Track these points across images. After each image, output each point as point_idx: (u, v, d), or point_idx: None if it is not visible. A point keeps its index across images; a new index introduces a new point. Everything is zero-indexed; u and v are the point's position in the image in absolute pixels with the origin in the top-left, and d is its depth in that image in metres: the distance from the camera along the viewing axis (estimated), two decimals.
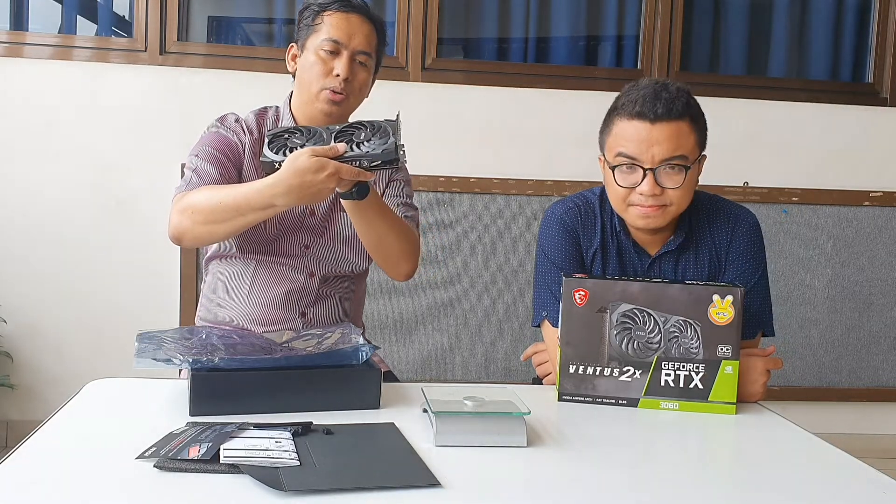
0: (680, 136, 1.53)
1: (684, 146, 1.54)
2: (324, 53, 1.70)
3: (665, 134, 1.52)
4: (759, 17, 3.54)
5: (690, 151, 1.55)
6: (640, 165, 1.54)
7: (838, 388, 3.39)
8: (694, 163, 1.56)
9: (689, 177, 1.55)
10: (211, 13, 3.44)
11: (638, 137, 1.53)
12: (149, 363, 1.35)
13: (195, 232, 1.59)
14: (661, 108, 1.52)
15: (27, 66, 3.09)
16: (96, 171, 3.10)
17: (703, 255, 1.67)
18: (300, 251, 1.77)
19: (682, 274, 1.67)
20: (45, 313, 3.11)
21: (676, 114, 1.53)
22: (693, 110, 1.57)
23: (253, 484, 1.04)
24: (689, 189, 1.58)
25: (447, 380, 3.18)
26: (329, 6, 1.71)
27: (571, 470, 1.18)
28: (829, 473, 1.24)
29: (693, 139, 1.56)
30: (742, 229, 1.67)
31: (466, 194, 3.16)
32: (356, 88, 1.73)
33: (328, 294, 1.81)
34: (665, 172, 1.54)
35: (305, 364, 1.39)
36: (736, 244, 1.66)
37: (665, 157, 1.53)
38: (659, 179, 1.54)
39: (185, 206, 1.60)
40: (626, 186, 1.56)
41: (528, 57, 3.47)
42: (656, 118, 1.52)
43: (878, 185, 3.36)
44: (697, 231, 1.67)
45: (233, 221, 1.56)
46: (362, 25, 1.72)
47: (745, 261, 1.66)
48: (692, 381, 1.47)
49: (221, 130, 1.75)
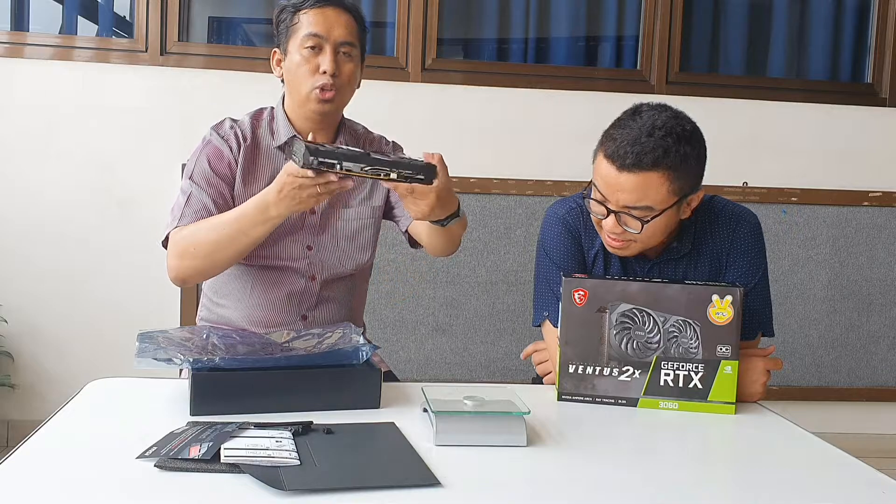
0: (648, 188, 1.49)
1: (651, 197, 1.50)
2: (307, 52, 1.68)
3: (631, 184, 1.49)
4: (759, 17, 3.54)
5: (659, 202, 1.51)
6: (605, 205, 1.54)
7: (838, 387, 3.40)
8: (664, 210, 1.53)
9: (652, 225, 1.53)
10: (211, 14, 3.44)
11: (606, 180, 1.53)
12: (149, 363, 1.35)
13: (199, 269, 1.63)
14: (630, 159, 1.48)
15: (28, 66, 3.10)
16: (97, 172, 3.10)
17: (704, 259, 1.67)
18: (303, 252, 1.77)
19: (682, 277, 1.67)
20: (45, 313, 3.12)
21: (646, 165, 1.48)
22: (671, 160, 1.49)
23: (253, 483, 1.04)
24: (659, 230, 1.56)
25: (447, 380, 3.18)
26: (303, 4, 1.70)
27: (571, 469, 1.19)
28: (829, 473, 1.24)
29: (665, 189, 1.50)
30: (743, 230, 1.66)
31: (466, 194, 3.16)
32: (345, 81, 1.71)
33: (329, 297, 1.81)
34: (627, 217, 1.52)
35: (306, 364, 1.39)
36: (737, 245, 1.66)
37: (627, 205, 1.51)
38: (621, 221, 1.53)
39: (182, 248, 1.62)
40: (595, 214, 1.58)
41: (528, 57, 3.48)
42: (623, 167, 1.49)
43: (878, 185, 3.36)
44: (699, 236, 1.67)
45: (236, 244, 1.58)
46: (340, 16, 1.70)
47: (746, 261, 1.66)
48: (691, 380, 1.47)
49: (215, 141, 1.74)
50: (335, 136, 1.79)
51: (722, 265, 1.67)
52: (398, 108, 1.87)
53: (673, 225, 1.60)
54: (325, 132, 1.76)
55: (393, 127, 1.86)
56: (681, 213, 1.59)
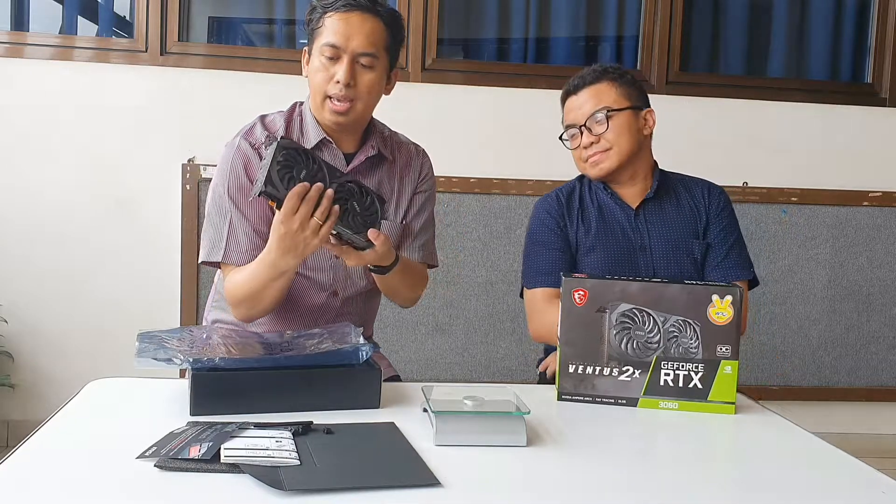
0: (599, 94, 1.87)
1: (604, 100, 1.86)
2: (325, 59, 1.65)
3: (585, 97, 1.88)
4: (759, 17, 3.54)
5: (613, 102, 1.86)
6: (575, 127, 1.88)
7: (838, 387, 3.39)
8: (621, 110, 1.86)
9: (616, 120, 1.85)
10: (211, 14, 3.44)
11: (568, 108, 1.92)
12: (149, 363, 1.35)
13: (255, 315, 1.68)
14: (576, 81, 1.90)
15: (28, 66, 3.10)
16: (97, 172, 3.10)
17: (685, 206, 1.92)
18: (328, 262, 1.74)
19: (667, 221, 1.89)
20: (45, 313, 3.12)
21: (589, 81, 1.88)
22: (609, 74, 1.89)
23: (253, 483, 1.04)
24: (624, 130, 1.86)
25: (447, 380, 3.17)
26: (330, 6, 1.65)
27: (571, 469, 1.19)
28: (829, 473, 1.24)
29: (614, 92, 1.87)
30: (716, 191, 1.96)
31: (466, 194, 3.17)
32: (363, 92, 1.66)
33: (347, 312, 1.80)
34: (593, 123, 1.86)
35: (305, 364, 1.39)
36: (714, 202, 1.92)
37: (588, 113, 1.86)
38: (593, 131, 1.86)
39: (236, 298, 1.66)
40: (574, 148, 1.91)
41: (527, 57, 3.48)
42: (575, 89, 1.90)
43: (877, 185, 3.36)
44: (675, 187, 1.94)
45: (271, 290, 1.62)
46: (363, 24, 1.64)
47: (726, 216, 1.92)
48: (691, 380, 1.47)
49: (245, 149, 1.69)
50: (362, 141, 1.76)
51: (702, 217, 1.91)
52: (398, 108, 1.87)
53: (637, 136, 1.88)
54: (350, 136, 1.73)
55: (393, 127, 1.86)
56: (640, 126, 1.89)
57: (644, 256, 1.86)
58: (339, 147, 1.72)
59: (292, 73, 2.97)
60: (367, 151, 1.74)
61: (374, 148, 1.74)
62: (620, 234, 1.88)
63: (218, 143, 1.78)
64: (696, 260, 1.87)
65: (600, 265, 1.85)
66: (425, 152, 1.86)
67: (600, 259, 1.86)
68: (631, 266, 1.85)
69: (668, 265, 1.86)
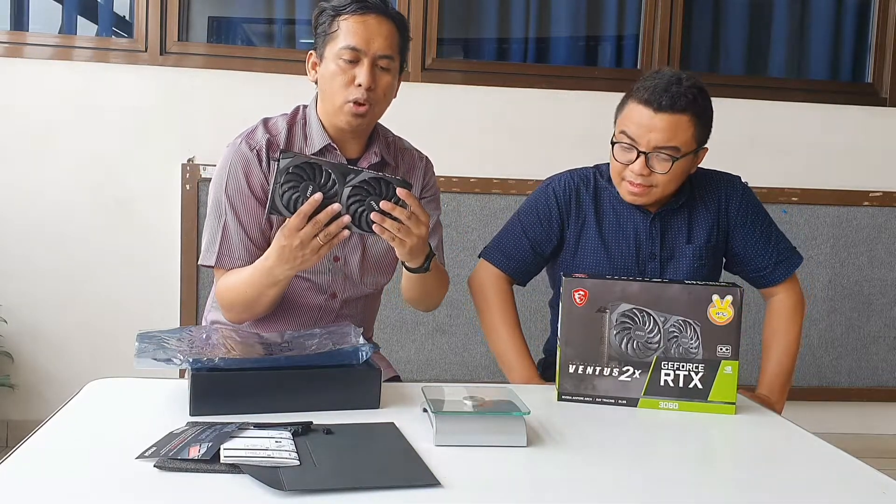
0: (678, 129, 1.68)
1: (679, 138, 1.69)
2: (343, 63, 1.61)
3: (664, 124, 1.68)
4: (759, 17, 3.54)
5: (684, 143, 1.70)
6: (636, 147, 1.70)
7: (838, 387, 3.39)
8: (686, 154, 1.71)
9: (678, 166, 1.71)
10: (211, 13, 3.44)
11: (640, 122, 1.70)
12: (149, 363, 1.35)
13: (247, 317, 1.69)
14: (666, 101, 1.67)
15: (27, 66, 3.09)
16: (96, 172, 3.10)
17: (701, 213, 1.83)
18: (328, 264, 1.73)
19: (689, 226, 1.82)
20: (45, 313, 3.12)
21: (679, 108, 1.67)
22: (697, 107, 1.70)
23: (253, 484, 1.04)
24: (676, 176, 1.73)
25: (447, 380, 3.17)
26: (344, 9, 1.62)
27: (571, 470, 1.19)
28: (829, 473, 1.24)
29: (691, 133, 1.70)
30: (736, 192, 1.85)
31: (466, 194, 3.16)
32: (380, 95, 1.65)
33: (346, 314, 1.79)
34: (656, 158, 1.70)
35: (305, 364, 1.39)
36: (733, 205, 1.84)
37: (658, 145, 1.69)
38: (650, 163, 1.71)
39: (228, 301, 1.68)
40: (621, 162, 1.74)
41: (527, 57, 3.47)
42: (660, 108, 1.68)
43: (878, 184, 3.36)
44: (698, 193, 1.84)
45: (265, 297, 1.63)
46: (381, 26, 1.62)
47: (751, 212, 1.85)
48: (692, 380, 1.47)
49: (246, 152, 1.67)
50: (367, 147, 1.75)
51: (723, 223, 1.84)
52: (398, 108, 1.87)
53: (686, 175, 1.77)
54: (357, 141, 1.72)
55: (393, 127, 1.86)
56: (692, 165, 1.76)
57: (652, 264, 1.83)
58: (342, 152, 1.71)
59: (292, 73, 2.98)
60: (371, 157, 1.73)
61: (377, 154, 1.73)
62: (633, 238, 1.83)
63: (218, 143, 1.78)
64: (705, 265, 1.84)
65: (604, 266, 1.83)
66: (429, 159, 1.85)
67: (603, 259, 1.84)
68: (639, 272, 1.82)
69: (676, 274, 1.82)
